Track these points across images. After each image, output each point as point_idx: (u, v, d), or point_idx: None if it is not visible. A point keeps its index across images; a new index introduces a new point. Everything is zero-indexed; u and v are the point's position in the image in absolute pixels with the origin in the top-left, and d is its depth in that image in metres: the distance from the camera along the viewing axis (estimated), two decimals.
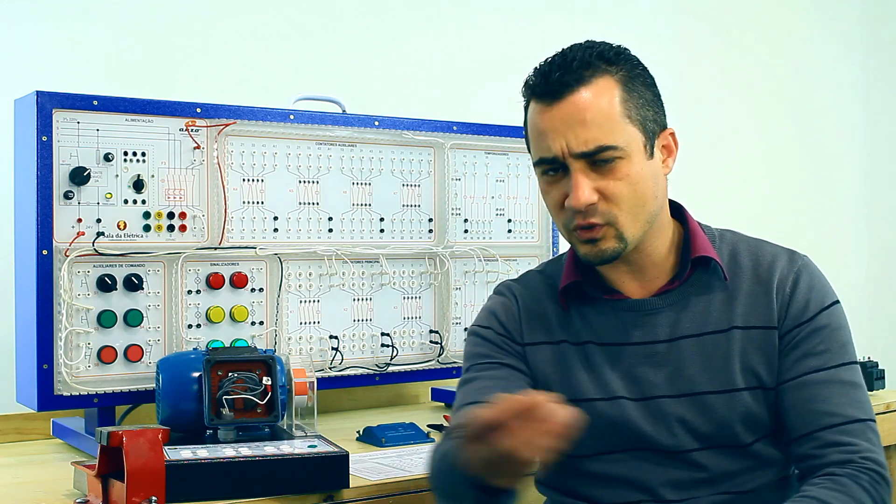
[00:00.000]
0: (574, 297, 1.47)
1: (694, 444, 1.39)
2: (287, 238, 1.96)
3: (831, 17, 3.52)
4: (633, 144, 1.37)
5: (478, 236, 2.20)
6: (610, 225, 1.37)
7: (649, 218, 1.39)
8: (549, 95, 1.37)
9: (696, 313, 1.42)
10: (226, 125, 1.88)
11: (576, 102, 1.35)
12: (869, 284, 3.52)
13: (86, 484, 1.48)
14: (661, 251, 1.44)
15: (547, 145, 1.37)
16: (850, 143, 3.57)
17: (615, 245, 1.38)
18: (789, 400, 1.38)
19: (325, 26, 2.47)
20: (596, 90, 1.35)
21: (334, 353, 2.00)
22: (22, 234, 1.78)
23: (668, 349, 1.41)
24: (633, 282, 1.45)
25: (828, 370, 1.38)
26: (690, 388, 1.40)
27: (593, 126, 1.34)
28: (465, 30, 2.70)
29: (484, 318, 1.53)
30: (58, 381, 1.71)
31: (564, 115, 1.35)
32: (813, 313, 1.40)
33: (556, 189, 1.39)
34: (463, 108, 2.47)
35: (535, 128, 1.40)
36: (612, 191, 1.35)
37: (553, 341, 1.47)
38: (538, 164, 1.41)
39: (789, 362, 1.39)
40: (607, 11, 2.91)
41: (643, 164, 1.38)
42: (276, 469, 1.49)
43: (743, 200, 3.20)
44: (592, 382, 1.43)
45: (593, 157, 1.35)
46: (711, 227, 1.50)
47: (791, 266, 1.43)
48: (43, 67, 2.10)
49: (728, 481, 1.40)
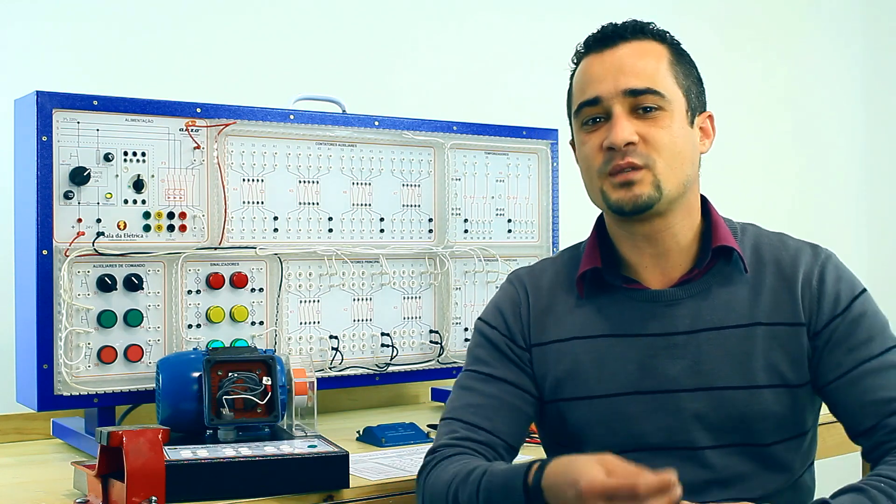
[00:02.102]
0: (592, 285, 1.45)
1: (708, 442, 1.37)
2: (287, 238, 1.96)
3: (831, 17, 3.53)
4: (677, 103, 1.39)
5: (478, 236, 2.20)
6: (648, 169, 1.36)
7: (685, 179, 1.39)
8: (603, 44, 1.41)
9: (718, 305, 1.40)
10: (226, 125, 1.88)
11: (628, 51, 1.39)
12: (869, 284, 3.50)
13: (86, 484, 1.48)
14: (687, 235, 1.43)
15: (593, 87, 1.39)
16: (850, 143, 3.57)
17: (651, 192, 1.36)
18: (847, 396, 1.37)
19: (325, 26, 2.47)
20: (648, 47, 1.41)
21: (334, 353, 2.00)
22: (22, 234, 1.78)
23: (687, 341, 1.39)
24: (655, 268, 1.43)
25: (878, 357, 1.37)
26: (710, 382, 1.37)
27: (643, 72, 1.37)
28: (466, 30, 2.70)
29: (491, 315, 1.51)
30: (58, 381, 1.71)
31: (616, 59, 1.39)
32: (845, 304, 1.39)
33: (594, 136, 1.39)
34: (463, 108, 2.47)
35: (581, 78, 1.42)
36: (652, 136, 1.36)
37: (563, 339, 1.45)
38: (579, 110, 1.41)
39: (836, 358, 1.37)
40: (607, 11, 2.90)
41: (684, 125, 1.39)
42: (276, 469, 1.49)
43: (742, 200, 3.19)
44: (605, 378, 1.41)
45: (640, 97, 1.36)
46: (734, 221, 1.49)
47: (815, 260, 1.42)
48: (43, 67, 2.10)
49: (739, 484, 1.37)
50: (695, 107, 1.42)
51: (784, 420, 1.38)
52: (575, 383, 1.43)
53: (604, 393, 1.41)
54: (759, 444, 1.38)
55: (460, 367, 2.15)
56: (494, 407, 1.43)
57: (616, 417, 1.40)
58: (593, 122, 1.39)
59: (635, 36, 1.41)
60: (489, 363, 1.47)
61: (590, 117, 1.40)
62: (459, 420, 1.43)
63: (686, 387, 1.38)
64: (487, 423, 1.42)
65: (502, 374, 1.46)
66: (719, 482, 1.37)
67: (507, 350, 1.47)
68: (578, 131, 1.43)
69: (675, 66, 1.40)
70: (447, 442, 1.41)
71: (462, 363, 2.15)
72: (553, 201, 2.27)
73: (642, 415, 1.39)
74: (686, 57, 1.45)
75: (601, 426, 1.41)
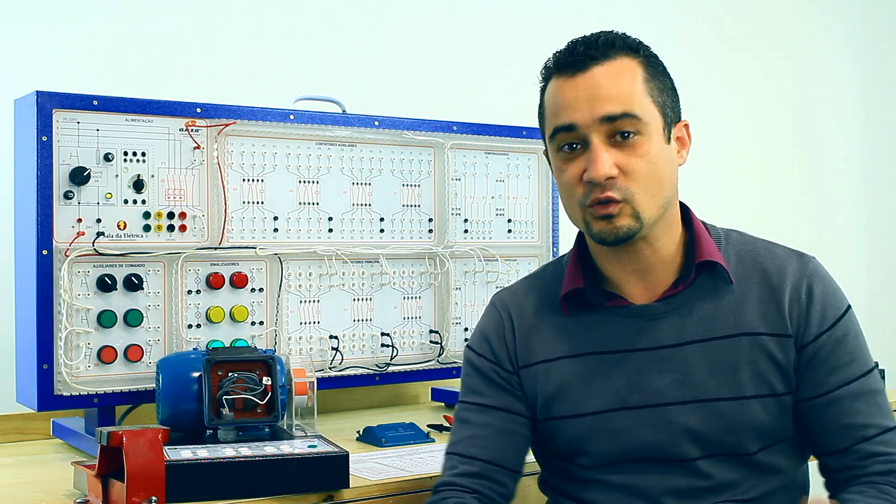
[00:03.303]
0: (575, 303, 1.45)
1: (698, 453, 1.38)
2: (287, 238, 1.96)
3: (832, 16, 3.52)
4: (653, 123, 1.36)
5: (478, 236, 2.20)
6: (627, 202, 1.34)
7: (664, 202, 1.38)
8: (573, 67, 1.37)
9: (703, 318, 1.40)
10: (226, 125, 1.88)
11: (601, 74, 1.35)
12: (869, 284, 3.52)
13: (86, 484, 1.48)
14: (670, 249, 1.42)
15: (568, 114, 1.36)
16: (850, 143, 3.57)
17: (631, 223, 1.35)
18: (823, 415, 1.38)
19: (325, 26, 2.47)
20: (620, 66, 1.36)
21: (334, 353, 2.00)
22: (22, 234, 1.78)
23: (673, 354, 1.39)
24: (639, 283, 1.42)
25: (856, 381, 1.38)
26: (697, 394, 1.38)
27: (618, 96, 1.34)
28: (466, 30, 2.70)
29: (477, 342, 1.52)
30: (58, 381, 1.71)
31: (589, 85, 1.35)
32: (832, 322, 1.39)
33: (573, 165, 1.37)
34: (463, 108, 2.47)
35: (555, 100, 1.39)
36: (631, 167, 1.34)
37: (551, 358, 1.45)
38: (555, 135, 1.38)
39: (817, 377, 1.38)
40: (607, 10, 2.92)
41: (661, 145, 1.37)
42: (276, 469, 1.49)
43: (742, 201, 3.19)
44: (594, 395, 1.41)
45: (616, 122, 1.33)
46: (717, 228, 1.48)
47: (802, 270, 1.41)
48: (43, 67, 2.10)
49: (731, 489, 1.38)
50: (671, 120, 1.40)
51: (770, 428, 1.39)
52: (564, 402, 1.43)
53: (592, 410, 1.41)
54: (745, 452, 1.39)
55: (460, 367, 2.15)
56: (489, 436, 1.45)
57: (605, 433, 1.40)
58: (570, 147, 1.38)
59: (606, 55, 1.36)
60: (481, 393, 1.48)
61: (566, 143, 1.38)
62: (457, 454, 1.46)
63: (674, 400, 1.38)
64: (484, 452, 1.44)
65: (493, 402, 1.47)
66: (712, 489, 1.38)
67: (496, 377, 1.48)
68: (555, 156, 1.41)
69: (649, 83, 1.37)
70: (447, 480, 1.45)
71: (462, 363, 2.16)
72: (553, 201, 2.27)
73: (632, 429, 1.39)
74: (659, 67, 1.41)
75: (591, 442, 1.42)
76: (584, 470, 1.44)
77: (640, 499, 1.39)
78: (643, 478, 1.39)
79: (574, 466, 1.45)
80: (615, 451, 1.40)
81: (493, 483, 1.44)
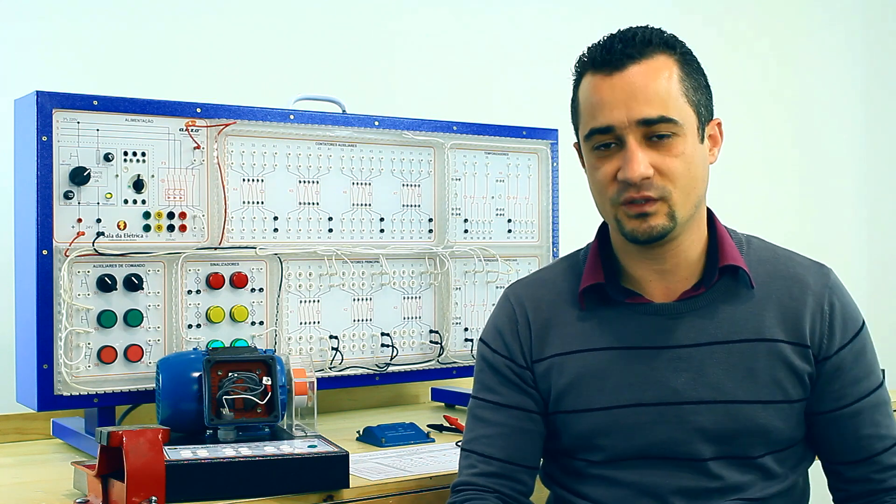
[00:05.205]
0: (594, 299, 1.45)
1: (710, 453, 1.38)
2: (287, 238, 1.96)
3: (832, 16, 3.52)
4: (689, 124, 1.36)
5: (478, 236, 2.20)
6: (663, 201, 1.34)
7: (697, 201, 1.38)
8: (610, 65, 1.36)
9: (723, 321, 1.40)
10: (226, 125, 1.88)
11: (638, 73, 1.35)
12: (869, 284, 3.52)
13: (86, 484, 1.48)
14: (695, 250, 1.42)
15: (605, 115, 1.35)
16: (850, 143, 3.57)
17: (665, 222, 1.35)
18: (843, 426, 1.40)
19: (325, 26, 2.47)
20: (657, 65, 1.36)
21: (334, 353, 2.00)
22: (22, 234, 1.78)
23: (691, 354, 1.39)
24: (659, 283, 1.42)
25: (873, 393, 1.41)
26: (713, 395, 1.38)
27: (655, 98, 1.34)
28: (466, 30, 2.70)
29: (490, 335, 1.51)
30: (58, 381, 1.71)
31: (626, 84, 1.35)
32: (851, 335, 1.40)
33: (608, 164, 1.37)
34: (463, 108, 2.47)
35: (590, 99, 1.38)
36: (668, 166, 1.34)
37: (566, 352, 1.44)
38: (590, 136, 1.38)
39: (840, 389, 1.40)
40: (607, 10, 2.92)
41: (696, 145, 1.37)
42: (276, 469, 1.49)
43: (742, 201, 3.19)
44: (608, 390, 1.41)
45: (653, 126, 1.33)
46: (738, 232, 1.49)
47: (824, 282, 1.42)
48: (43, 67, 2.10)
49: (739, 492, 1.39)
50: (704, 119, 1.40)
51: (782, 433, 1.40)
52: (576, 395, 1.43)
53: (605, 405, 1.41)
54: (756, 455, 1.39)
55: (460, 367, 2.16)
56: (505, 435, 1.45)
57: (617, 428, 1.40)
58: (605, 146, 1.37)
59: (643, 53, 1.36)
60: (495, 390, 1.48)
61: (601, 143, 1.38)
62: (475, 453, 1.46)
63: (689, 399, 1.38)
64: (501, 452, 1.45)
65: (508, 400, 1.47)
66: (721, 490, 1.38)
67: (510, 373, 1.47)
68: (589, 154, 1.41)
69: (684, 82, 1.37)
70: (467, 479, 1.45)
71: (461, 363, 2.16)
72: (553, 201, 2.27)
73: (645, 426, 1.39)
74: (694, 64, 1.41)
75: (603, 437, 1.41)
76: (592, 466, 1.43)
77: (648, 497, 1.39)
78: (652, 476, 1.39)
79: (582, 462, 1.45)
80: (627, 448, 1.40)
81: (513, 482, 1.44)
